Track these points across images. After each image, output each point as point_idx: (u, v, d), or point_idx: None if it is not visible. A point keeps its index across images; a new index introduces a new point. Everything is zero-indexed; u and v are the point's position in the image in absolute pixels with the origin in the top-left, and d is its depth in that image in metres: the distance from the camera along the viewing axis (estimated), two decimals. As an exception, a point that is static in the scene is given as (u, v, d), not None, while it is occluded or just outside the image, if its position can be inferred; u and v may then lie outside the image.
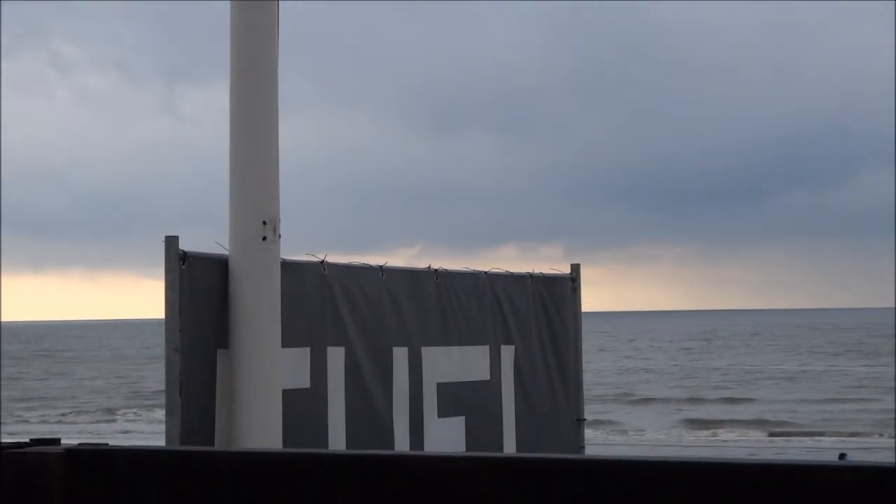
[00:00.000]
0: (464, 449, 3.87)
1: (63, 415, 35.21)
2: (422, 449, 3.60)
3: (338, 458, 2.13)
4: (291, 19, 3.87)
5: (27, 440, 1.63)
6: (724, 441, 28.34)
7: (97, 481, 1.53)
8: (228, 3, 3.29)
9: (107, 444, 1.85)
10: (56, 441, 1.65)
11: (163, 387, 3.15)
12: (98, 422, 33.48)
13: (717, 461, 1.40)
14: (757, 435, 29.82)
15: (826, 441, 27.53)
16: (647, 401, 36.65)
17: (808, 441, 28.11)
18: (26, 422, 32.43)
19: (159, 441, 3.75)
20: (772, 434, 30.14)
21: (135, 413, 35.22)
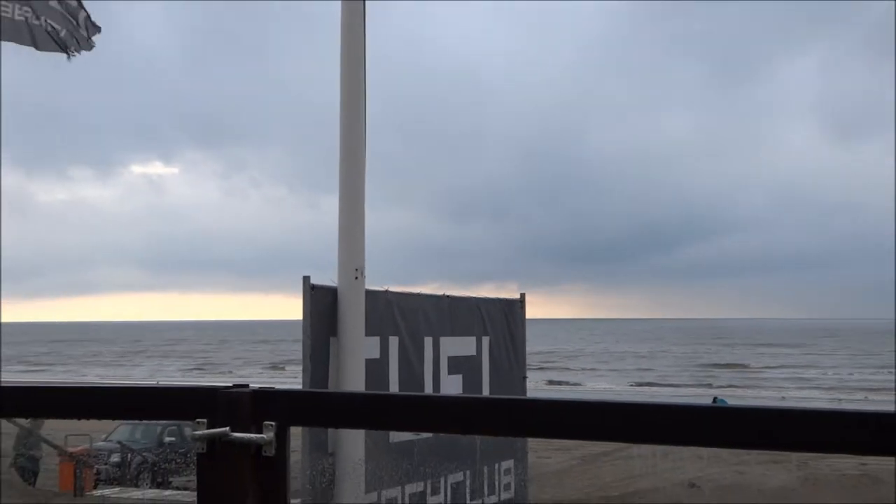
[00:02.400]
0: (461, 393, 6.58)
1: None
2: (440, 389, 6.34)
3: (404, 397, 4.80)
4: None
5: (231, 384, 2.02)
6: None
7: (270, 409, 1.95)
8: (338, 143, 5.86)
9: (273, 387, 2.36)
10: (247, 385, 2.05)
11: (286, 359, 5.76)
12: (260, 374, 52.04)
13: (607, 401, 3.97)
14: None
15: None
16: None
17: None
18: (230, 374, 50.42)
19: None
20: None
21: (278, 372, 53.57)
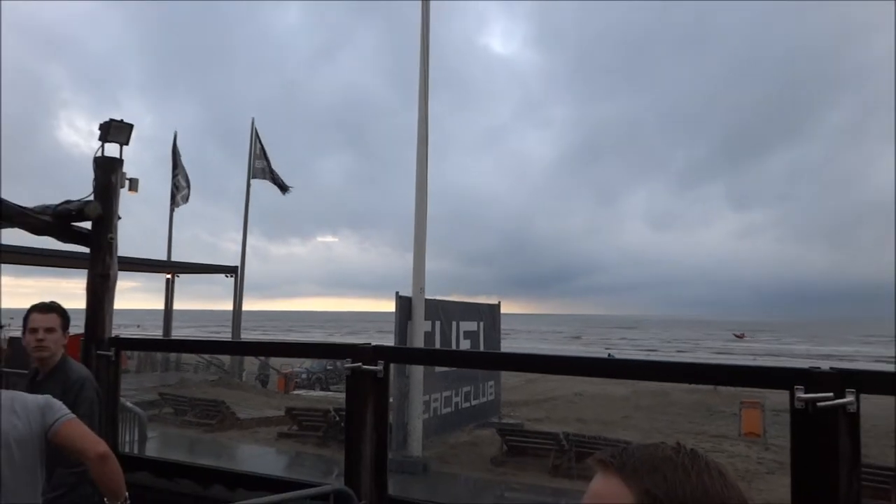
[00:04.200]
0: (470, 349, 12.77)
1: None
2: (459, 348, 12.56)
3: (443, 350, 10.89)
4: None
5: (362, 343, 3.15)
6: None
7: (381, 354, 3.11)
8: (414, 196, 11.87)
9: (382, 344, 3.32)
10: (369, 343, 3.14)
11: (390, 330, 11.89)
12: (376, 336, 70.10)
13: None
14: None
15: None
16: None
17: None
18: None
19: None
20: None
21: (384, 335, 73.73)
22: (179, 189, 24.28)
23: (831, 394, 2.29)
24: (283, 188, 23.14)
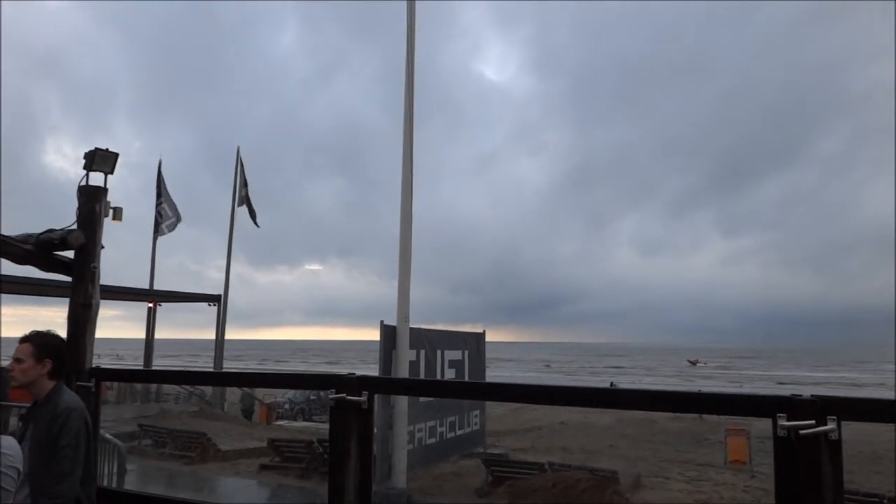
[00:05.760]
0: (454, 378, 12.70)
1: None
2: (444, 377, 12.47)
3: (427, 381, 10.82)
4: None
5: (347, 373, 3.05)
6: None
7: (365, 385, 2.94)
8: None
9: (366, 374, 3.20)
10: (354, 373, 3.03)
11: (374, 359, 11.80)
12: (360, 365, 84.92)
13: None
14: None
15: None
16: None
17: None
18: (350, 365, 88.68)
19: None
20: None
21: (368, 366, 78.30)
22: (164, 217, 24.17)
23: (813, 421, 2.31)
24: (254, 219, 23.28)
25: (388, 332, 11.66)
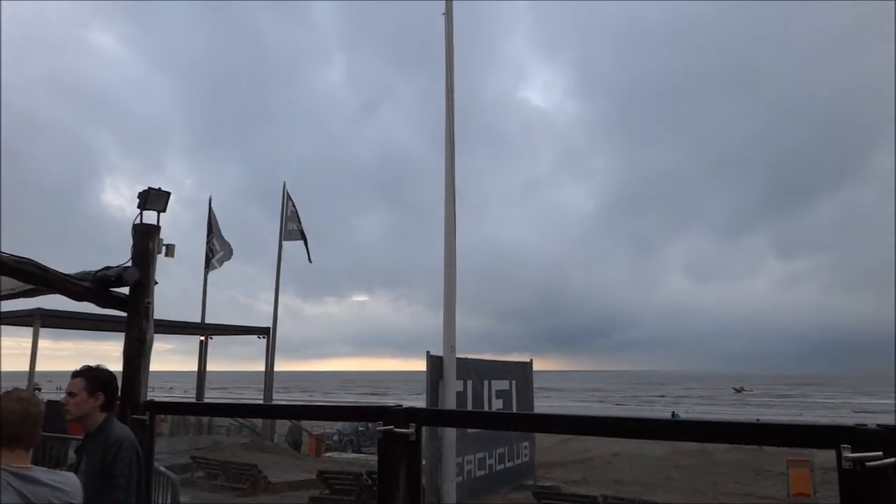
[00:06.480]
0: (502, 409, 12.56)
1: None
2: (492, 408, 12.34)
3: (475, 412, 10.70)
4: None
5: (395, 404, 3.07)
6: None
7: (413, 417, 2.93)
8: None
9: (413, 406, 3.27)
10: (401, 405, 3.06)
11: (421, 389, 11.72)
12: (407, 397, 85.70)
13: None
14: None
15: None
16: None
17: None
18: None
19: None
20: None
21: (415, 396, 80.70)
22: (214, 252, 24.77)
23: (880, 452, 2.19)
24: (308, 254, 23.75)
25: (435, 363, 11.62)
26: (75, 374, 3.49)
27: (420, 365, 11.86)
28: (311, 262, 23.93)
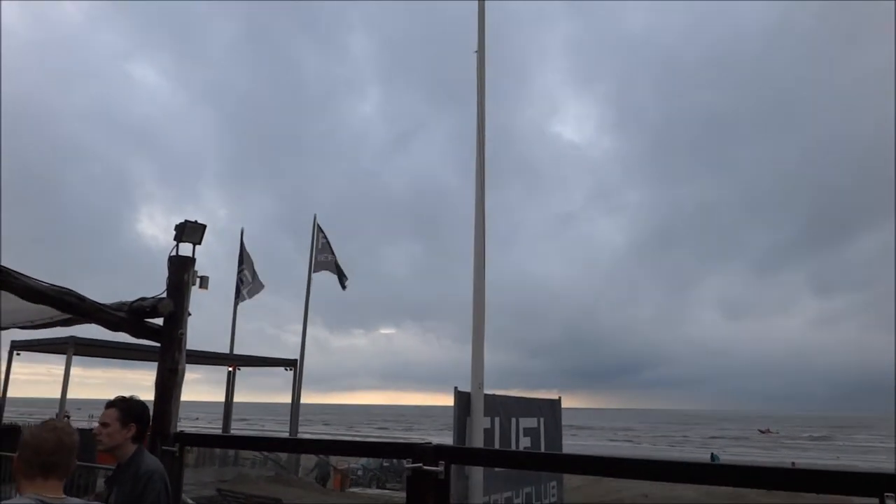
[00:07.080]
0: (530, 448, 12.35)
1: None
2: (519, 446, 12.13)
3: (502, 451, 10.55)
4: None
5: (423, 441, 3.69)
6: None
7: (441, 454, 3.04)
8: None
9: (442, 443, 3.44)
10: (430, 442, 3.20)
11: (448, 426, 11.56)
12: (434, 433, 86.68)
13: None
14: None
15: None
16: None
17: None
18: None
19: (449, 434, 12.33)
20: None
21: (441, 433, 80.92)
22: (245, 283, 25.06)
23: (927, 502, 2.12)
24: (342, 283, 23.82)
25: (462, 399, 11.49)
26: (109, 405, 3.53)
27: (444, 399, 11.93)
28: (344, 288, 24.05)
